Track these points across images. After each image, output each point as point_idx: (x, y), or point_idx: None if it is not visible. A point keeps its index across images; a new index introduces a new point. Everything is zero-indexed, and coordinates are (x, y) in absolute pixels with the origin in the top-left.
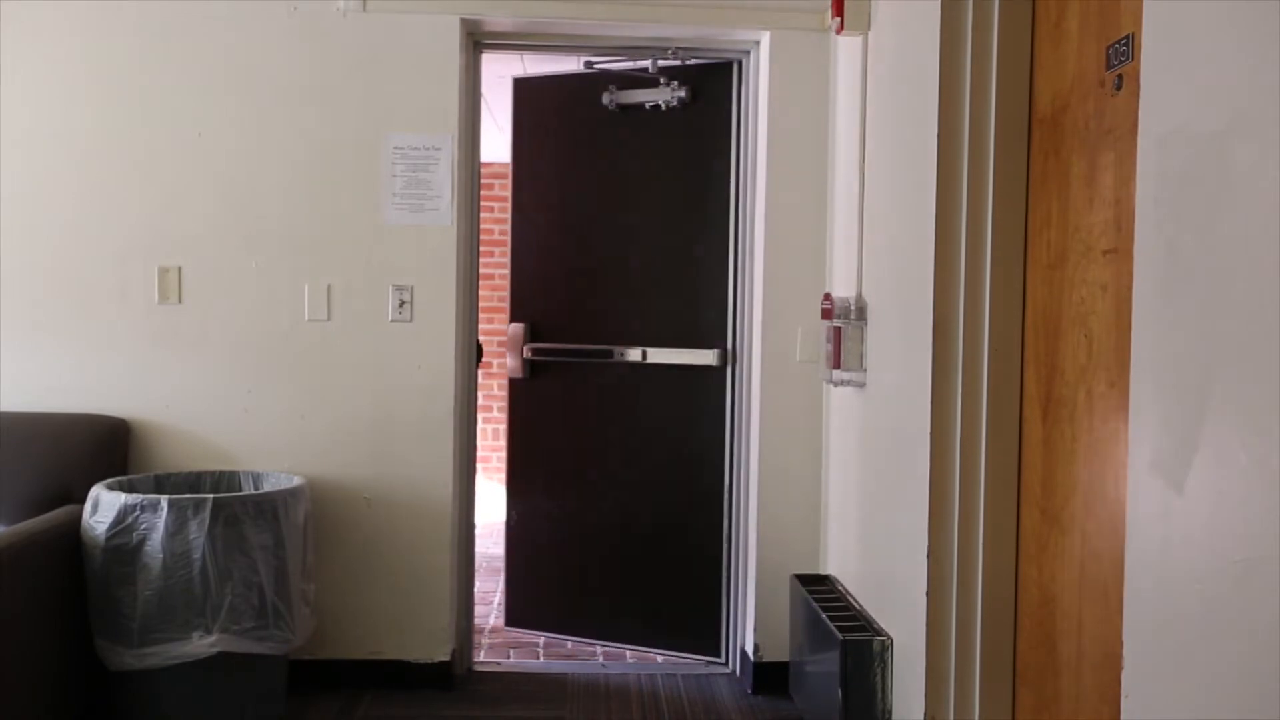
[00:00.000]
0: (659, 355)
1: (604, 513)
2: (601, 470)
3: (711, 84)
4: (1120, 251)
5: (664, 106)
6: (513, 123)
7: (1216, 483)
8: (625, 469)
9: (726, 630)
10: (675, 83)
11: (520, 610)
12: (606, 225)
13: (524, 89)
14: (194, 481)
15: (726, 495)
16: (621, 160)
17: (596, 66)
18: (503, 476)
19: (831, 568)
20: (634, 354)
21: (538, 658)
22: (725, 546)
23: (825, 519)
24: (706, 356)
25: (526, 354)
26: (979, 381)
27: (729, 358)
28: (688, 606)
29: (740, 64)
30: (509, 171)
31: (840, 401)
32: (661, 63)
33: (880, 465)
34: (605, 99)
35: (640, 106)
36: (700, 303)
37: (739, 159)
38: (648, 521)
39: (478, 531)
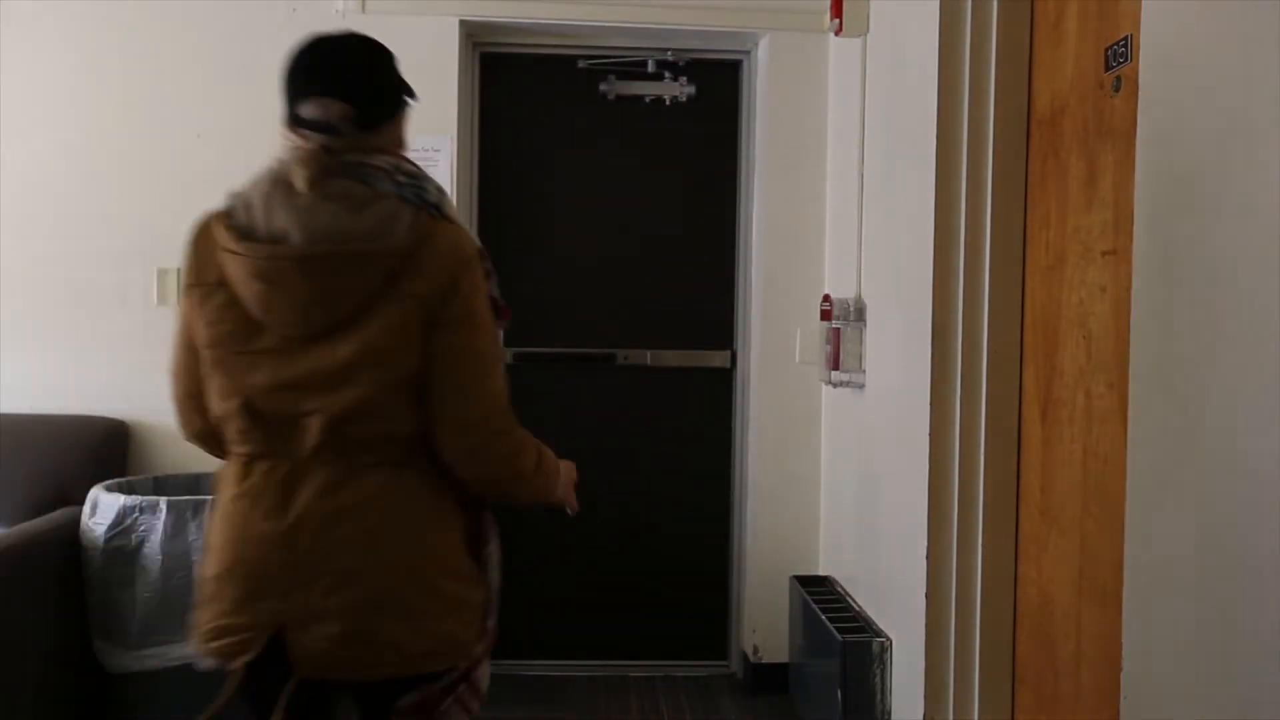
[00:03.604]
0: (665, 358)
1: (600, 522)
2: (599, 479)
3: (716, 81)
4: (1119, 253)
5: (668, 101)
6: (480, 102)
7: (1215, 484)
8: (625, 475)
9: (726, 631)
10: (684, 79)
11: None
12: (603, 220)
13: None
14: (193, 483)
15: (725, 496)
16: (619, 153)
17: (590, 64)
18: None
19: (830, 569)
20: (638, 356)
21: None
22: (724, 548)
23: (824, 520)
24: (715, 358)
25: (507, 358)
26: (978, 383)
27: (736, 359)
28: (688, 610)
29: (740, 65)
30: None
31: (839, 402)
32: (659, 60)
33: (879, 466)
34: (603, 88)
35: (640, 99)
36: (708, 303)
37: (741, 158)
38: (649, 528)
39: None
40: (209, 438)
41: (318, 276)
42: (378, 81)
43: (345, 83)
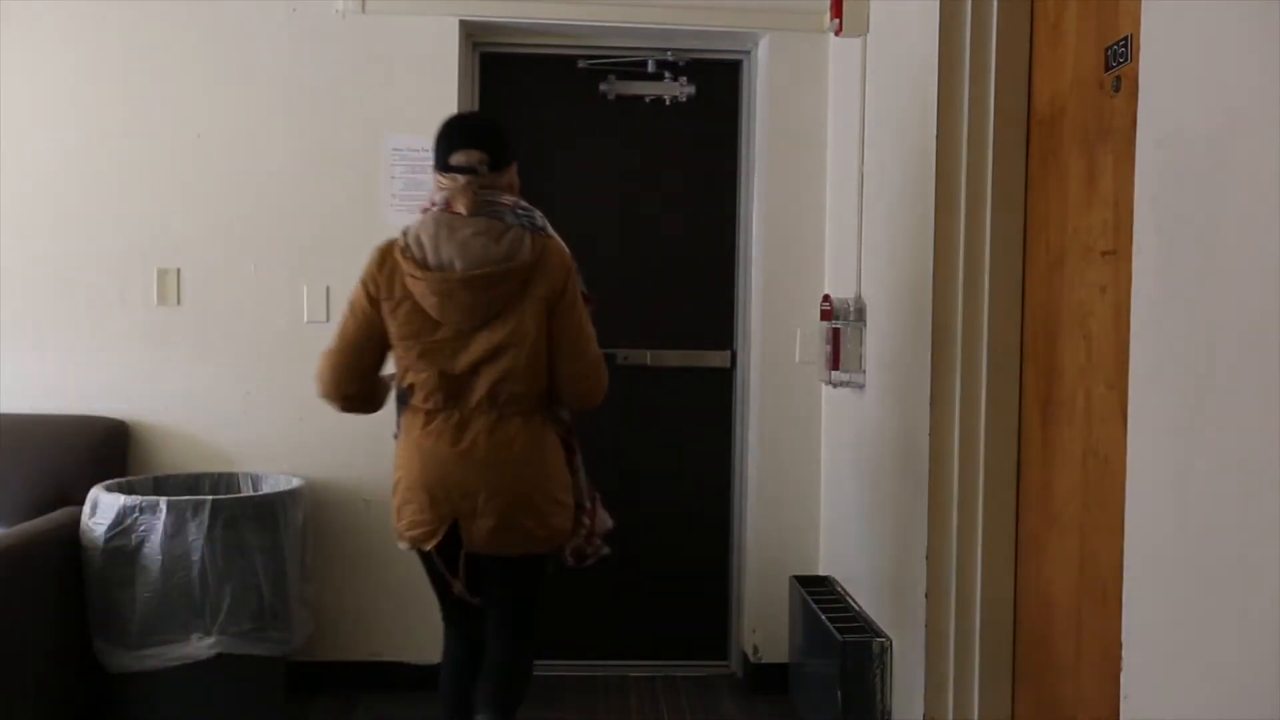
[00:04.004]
0: (665, 358)
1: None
2: (599, 479)
3: (716, 81)
4: (1119, 252)
5: (668, 101)
6: (480, 102)
7: (1215, 483)
8: (625, 475)
9: (726, 631)
10: (684, 79)
11: None
12: (603, 221)
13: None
14: (193, 483)
15: (725, 496)
16: (619, 153)
17: (589, 64)
18: None
19: (831, 569)
20: (638, 356)
21: None
22: (724, 548)
23: (824, 520)
24: (714, 359)
25: None
26: (978, 383)
27: (736, 359)
28: (688, 610)
29: (740, 65)
30: None
31: (839, 402)
32: (659, 60)
33: (879, 466)
34: (603, 88)
35: (640, 99)
36: (708, 303)
37: (741, 158)
38: (649, 528)
39: None
40: (355, 399)
41: (476, 290)
42: (500, 140)
43: (481, 139)
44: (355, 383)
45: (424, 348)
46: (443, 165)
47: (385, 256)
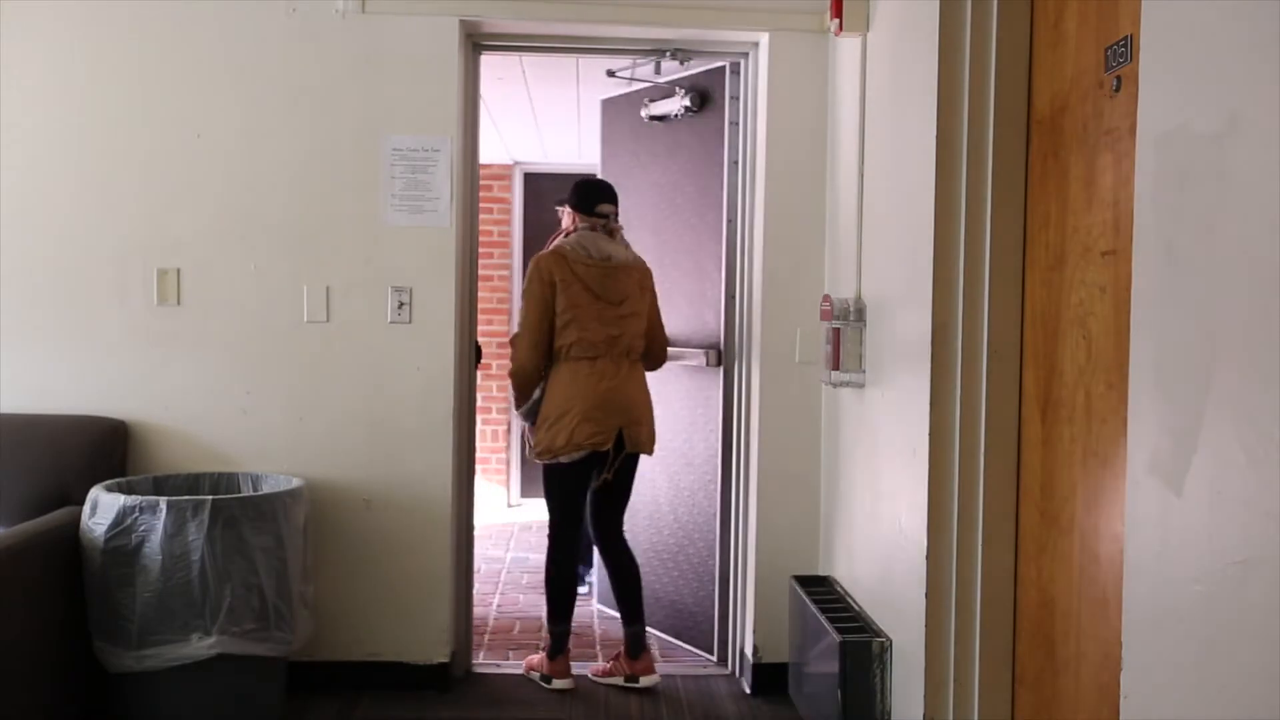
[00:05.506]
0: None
1: None
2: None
3: (715, 89)
4: (1119, 252)
5: (674, 116)
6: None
7: (1215, 484)
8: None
9: (726, 631)
10: (682, 91)
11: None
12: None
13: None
14: (193, 483)
15: (725, 496)
16: (620, 153)
17: (617, 74)
18: (502, 479)
19: (831, 569)
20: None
21: None
22: (724, 548)
23: (824, 520)
24: (713, 358)
25: None
26: (978, 383)
27: (723, 358)
28: (688, 610)
29: (739, 65)
30: (508, 173)
31: (839, 402)
32: (667, 69)
33: (879, 466)
34: (642, 112)
35: (665, 117)
36: (695, 304)
37: (739, 160)
38: (649, 527)
39: (476, 533)
40: (540, 365)
41: (623, 275)
42: (618, 198)
43: (613, 198)
44: (542, 355)
45: (587, 314)
46: (590, 210)
47: (558, 257)
